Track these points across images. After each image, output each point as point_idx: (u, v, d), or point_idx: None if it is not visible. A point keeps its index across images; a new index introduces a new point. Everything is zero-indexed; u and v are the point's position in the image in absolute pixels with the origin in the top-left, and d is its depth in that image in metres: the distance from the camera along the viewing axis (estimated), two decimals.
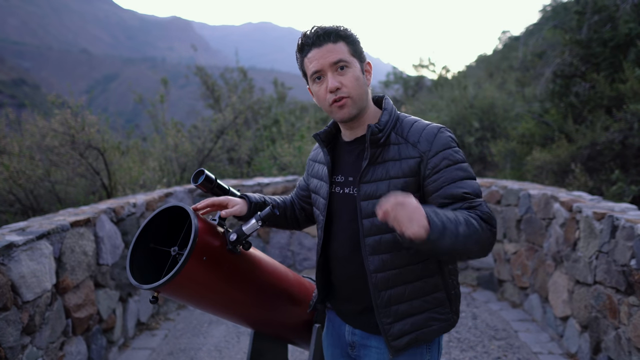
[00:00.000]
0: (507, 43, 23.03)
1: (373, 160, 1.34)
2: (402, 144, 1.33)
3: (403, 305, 1.36)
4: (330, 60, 1.31)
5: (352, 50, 1.34)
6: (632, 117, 4.99)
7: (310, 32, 1.34)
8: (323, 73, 1.33)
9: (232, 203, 1.48)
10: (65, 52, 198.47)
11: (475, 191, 1.28)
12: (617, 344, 2.64)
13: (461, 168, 1.29)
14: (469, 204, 1.25)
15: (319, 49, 1.32)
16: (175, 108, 29.79)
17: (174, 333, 3.87)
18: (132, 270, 1.31)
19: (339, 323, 1.55)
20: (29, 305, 2.46)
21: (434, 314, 1.38)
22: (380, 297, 1.35)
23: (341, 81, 1.32)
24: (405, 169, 1.30)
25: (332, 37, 1.32)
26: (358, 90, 1.34)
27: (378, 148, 1.34)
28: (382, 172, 1.33)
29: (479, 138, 8.85)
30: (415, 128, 1.34)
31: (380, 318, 1.36)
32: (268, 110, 11.13)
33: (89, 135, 5.37)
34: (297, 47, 1.38)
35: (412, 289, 1.36)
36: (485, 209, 1.25)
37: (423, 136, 1.31)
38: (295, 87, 13.09)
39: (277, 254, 5.30)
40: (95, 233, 3.28)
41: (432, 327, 1.38)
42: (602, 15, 6.34)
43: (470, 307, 4.27)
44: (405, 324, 1.36)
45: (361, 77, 1.35)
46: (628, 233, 2.57)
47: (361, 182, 1.35)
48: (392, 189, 1.30)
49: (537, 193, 3.92)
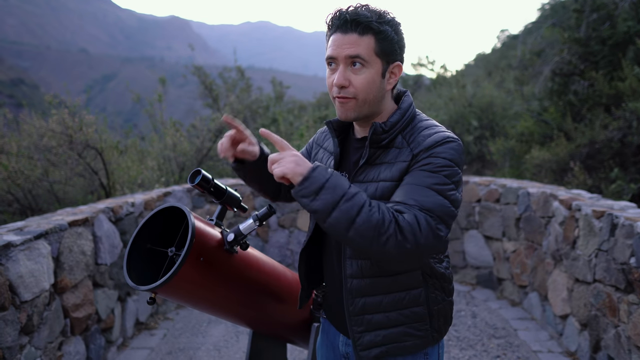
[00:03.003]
0: (505, 42, 23.04)
1: (371, 161, 1.25)
2: (403, 149, 1.22)
3: (378, 315, 1.27)
4: (346, 52, 1.18)
5: (380, 48, 1.19)
6: (631, 115, 4.99)
7: (343, 12, 1.19)
8: (336, 62, 1.21)
9: (251, 141, 1.38)
10: (64, 51, 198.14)
11: (428, 206, 1.09)
12: (617, 342, 2.64)
13: (437, 178, 1.13)
14: (404, 208, 1.09)
15: (342, 36, 1.18)
16: (173, 107, 29.76)
17: (172, 332, 3.86)
18: (129, 271, 1.30)
19: (333, 333, 1.48)
20: (27, 305, 2.45)
21: (410, 329, 1.28)
22: (353, 304, 1.27)
23: (350, 79, 1.19)
24: (395, 172, 1.20)
25: (361, 28, 1.17)
26: (367, 94, 1.21)
27: (379, 149, 1.24)
28: (374, 174, 1.23)
29: (477, 137, 8.85)
30: (423, 134, 1.21)
31: (351, 326, 1.28)
32: (266, 109, 11.12)
33: (86, 135, 5.35)
34: (327, 21, 1.24)
35: (390, 300, 1.26)
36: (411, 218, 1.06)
37: (425, 143, 1.18)
38: (293, 87, 13.07)
39: (276, 253, 5.29)
40: (93, 232, 3.27)
41: (405, 342, 1.28)
42: (600, 13, 6.34)
43: (470, 306, 4.27)
44: (377, 336, 1.27)
45: (377, 80, 1.21)
46: (627, 231, 2.57)
47: (353, 181, 1.26)
48: (379, 192, 1.21)
49: (536, 191, 3.92)
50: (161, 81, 8.82)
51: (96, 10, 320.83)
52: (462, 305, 4.28)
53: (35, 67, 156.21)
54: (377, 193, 1.21)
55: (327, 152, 1.43)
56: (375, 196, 1.21)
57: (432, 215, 1.09)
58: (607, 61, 6.01)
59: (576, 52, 6.38)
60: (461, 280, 4.86)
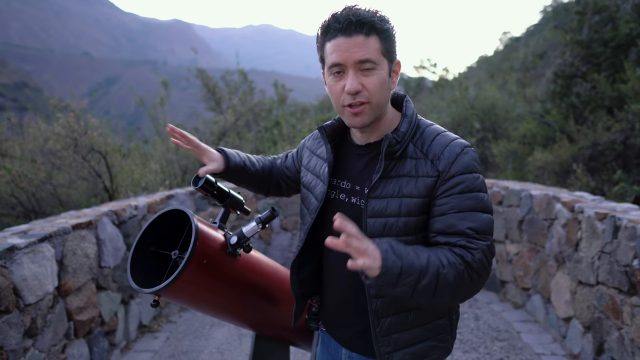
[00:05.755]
0: (507, 44, 23.04)
1: (386, 174, 1.18)
2: (420, 159, 1.17)
3: (405, 333, 1.24)
4: (356, 57, 1.11)
5: (385, 48, 1.14)
6: (633, 117, 4.98)
7: (341, 14, 1.12)
8: (344, 68, 1.13)
9: (210, 157, 1.42)
10: (67, 55, 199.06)
11: (481, 227, 1.12)
12: (620, 344, 2.63)
13: (475, 198, 1.14)
14: (467, 242, 1.11)
15: (347, 40, 1.11)
16: (176, 110, 29.86)
17: (175, 335, 3.87)
18: (133, 274, 1.31)
19: (334, 347, 1.42)
20: (30, 308, 2.47)
21: (435, 342, 1.27)
22: (380, 325, 1.22)
23: (363, 83, 1.13)
24: (421, 188, 1.15)
25: (366, 28, 1.10)
26: (380, 96, 1.16)
27: (393, 160, 1.18)
28: (394, 188, 1.17)
29: (480, 139, 8.85)
30: (437, 143, 1.17)
31: (379, 347, 1.24)
32: (269, 112, 11.15)
33: (91, 139, 5.38)
34: (322, 27, 1.16)
35: (415, 317, 1.23)
36: (480, 256, 1.10)
37: (445, 154, 1.15)
38: (295, 89, 13.10)
39: (279, 256, 5.30)
40: (97, 235, 3.29)
41: (432, 356, 1.27)
42: (602, 15, 6.34)
43: (473, 309, 4.26)
44: (405, 354, 1.24)
45: (387, 81, 1.17)
46: (630, 233, 2.56)
47: (370, 196, 1.18)
48: (404, 209, 1.16)
49: (539, 194, 3.92)
50: (164, 84, 8.86)
51: (99, 14, 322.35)
52: (465, 308, 4.28)
53: (39, 71, 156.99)
54: (402, 210, 1.16)
55: (321, 159, 1.37)
56: (400, 213, 1.16)
57: (488, 237, 1.13)
58: (610, 63, 6.01)
59: (578, 54, 6.38)
60: None
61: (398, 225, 1.16)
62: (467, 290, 1.11)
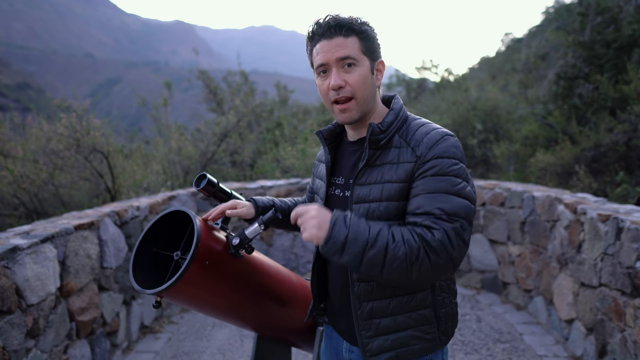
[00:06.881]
0: (509, 45, 23.00)
1: (371, 162, 1.26)
2: (402, 148, 1.24)
3: (386, 319, 1.27)
4: (337, 55, 1.22)
5: (365, 47, 1.25)
6: (636, 118, 4.97)
7: (322, 21, 1.26)
8: (328, 67, 1.25)
9: (240, 205, 1.47)
10: (70, 56, 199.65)
11: (453, 209, 1.13)
12: (623, 346, 2.63)
13: (449, 181, 1.16)
14: (431, 222, 1.13)
15: (328, 42, 1.24)
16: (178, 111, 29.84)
17: (177, 336, 3.87)
18: (135, 275, 1.31)
19: (337, 339, 1.47)
20: (33, 308, 2.47)
21: (418, 332, 1.28)
22: (361, 309, 1.27)
23: (346, 79, 1.23)
24: (401, 173, 1.20)
25: (345, 30, 1.23)
26: (363, 91, 1.25)
27: (378, 150, 1.26)
28: (377, 176, 1.24)
29: (482, 140, 8.84)
30: (420, 132, 1.24)
31: (359, 331, 1.29)
32: (271, 113, 11.16)
33: (94, 139, 5.39)
34: (308, 35, 1.30)
35: (397, 303, 1.27)
36: (441, 235, 1.10)
37: (425, 140, 1.21)
38: (297, 90, 13.11)
39: (281, 257, 5.30)
40: (99, 236, 3.29)
41: (414, 346, 1.29)
42: (605, 16, 6.33)
43: (475, 310, 4.25)
44: (385, 340, 1.28)
45: (369, 76, 1.26)
46: (633, 235, 2.56)
47: (355, 184, 1.27)
48: (385, 194, 1.22)
49: (541, 195, 3.91)
50: (166, 85, 8.88)
51: (102, 15, 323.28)
52: (467, 309, 4.27)
53: (41, 72, 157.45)
54: (384, 195, 1.22)
55: (324, 163, 1.46)
56: (382, 198, 1.22)
57: (458, 219, 1.13)
58: (612, 64, 6.00)
59: (581, 56, 6.38)
60: (466, 284, 4.84)
61: (380, 210, 1.22)
62: (425, 270, 1.11)
